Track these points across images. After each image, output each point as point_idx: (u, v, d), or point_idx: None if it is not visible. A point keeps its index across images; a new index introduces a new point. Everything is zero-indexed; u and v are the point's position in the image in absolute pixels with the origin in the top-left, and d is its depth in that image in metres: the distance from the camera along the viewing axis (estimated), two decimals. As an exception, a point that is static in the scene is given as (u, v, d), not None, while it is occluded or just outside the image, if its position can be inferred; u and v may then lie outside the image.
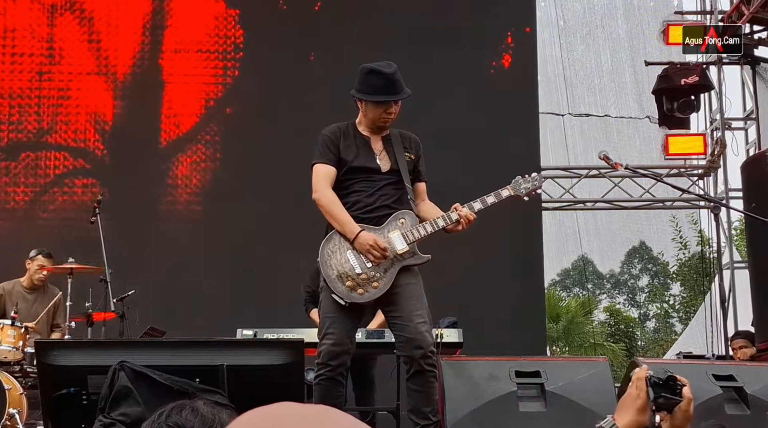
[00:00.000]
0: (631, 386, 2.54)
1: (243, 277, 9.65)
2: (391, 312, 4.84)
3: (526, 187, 5.18)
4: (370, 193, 4.89)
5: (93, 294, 7.52)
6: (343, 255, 4.78)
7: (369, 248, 4.71)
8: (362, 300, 4.76)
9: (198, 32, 10.46)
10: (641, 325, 31.33)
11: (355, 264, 4.76)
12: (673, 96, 11.02)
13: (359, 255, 4.76)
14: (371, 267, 4.75)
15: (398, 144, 5.02)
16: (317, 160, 4.94)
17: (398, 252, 4.78)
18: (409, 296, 4.80)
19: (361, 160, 4.93)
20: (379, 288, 4.75)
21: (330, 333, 4.74)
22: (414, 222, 4.88)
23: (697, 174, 11.92)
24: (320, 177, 4.90)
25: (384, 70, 4.88)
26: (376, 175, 4.92)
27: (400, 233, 4.82)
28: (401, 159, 4.96)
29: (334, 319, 4.76)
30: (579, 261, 24.64)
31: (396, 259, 4.80)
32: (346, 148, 4.94)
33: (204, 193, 10.20)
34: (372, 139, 5.01)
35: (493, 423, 4.91)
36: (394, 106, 4.92)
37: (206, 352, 4.49)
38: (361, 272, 4.75)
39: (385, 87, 4.87)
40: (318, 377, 4.75)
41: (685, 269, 25.11)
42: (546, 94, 11.68)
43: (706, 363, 6.44)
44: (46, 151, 10.17)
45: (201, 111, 10.37)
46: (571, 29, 12.59)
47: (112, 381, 4.20)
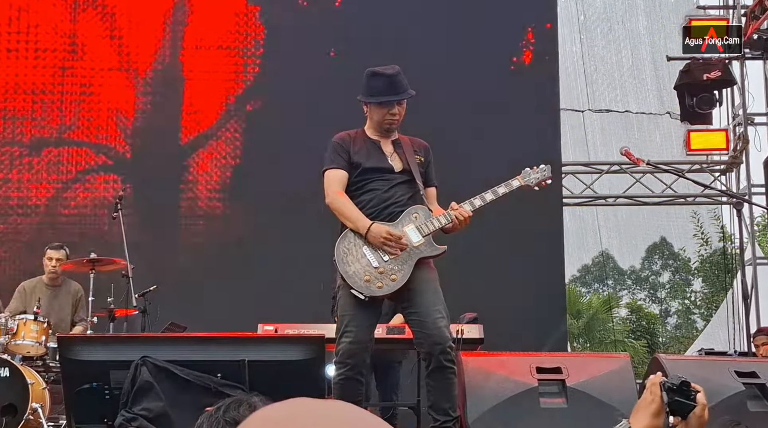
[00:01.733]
0: (646, 391, 2.62)
1: (263, 273, 9.67)
2: (409, 308, 4.84)
3: (535, 177, 5.19)
4: (385, 190, 4.91)
5: (115, 289, 7.56)
6: (358, 251, 4.79)
7: (383, 240, 4.73)
8: (381, 294, 4.76)
9: (218, 29, 10.49)
10: (662, 322, 31.20)
11: (371, 258, 4.77)
12: (695, 91, 10.96)
13: (375, 250, 4.77)
14: (388, 260, 4.76)
15: (408, 147, 5.04)
16: (328, 166, 4.98)
17: (414, 244, 4.79)
18: (427, 292, 4.80)
19: (374, 161, 4.95)
20: (398, 280, 4.75)
21: (348, 331, 4.74)
22: (428, 215, 4.89)
23: (719, 169, 11.86)
24: (331, 181, 4.94)
25: (385, 71, 4.93)
26: (390, 175, 4.95)
27: (415, 226, 4.83)
28: (412, 160, 4.99)
29: (352, 317, 4.77)
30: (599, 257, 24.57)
31: (412, 252, 4.81)
32: (357, 152, 4.97)
33: (224, 190, 10.22)
34: (382, 142, 5.03)
35: (515, 420, 4.90)
36: (398, 106, 4.95)
37: (228, 347, 4.51)
38: (378, 266, 4.75)
39: (387, 88, 4.91)
40: (337, 376, 4.75)
41: (706, 265, 25.00)
42: (566, 89, 11.64)
43: (729, 359, 6.41)
44: (68, 147, 10.22)
45: (221, 107, 10.39)
46: (592, 25, 12.54)
47: (134, 376, 4.22)
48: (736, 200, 7.79)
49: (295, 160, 9.80)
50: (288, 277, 9.50)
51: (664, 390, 2.58)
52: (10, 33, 10.36)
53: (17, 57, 10.34)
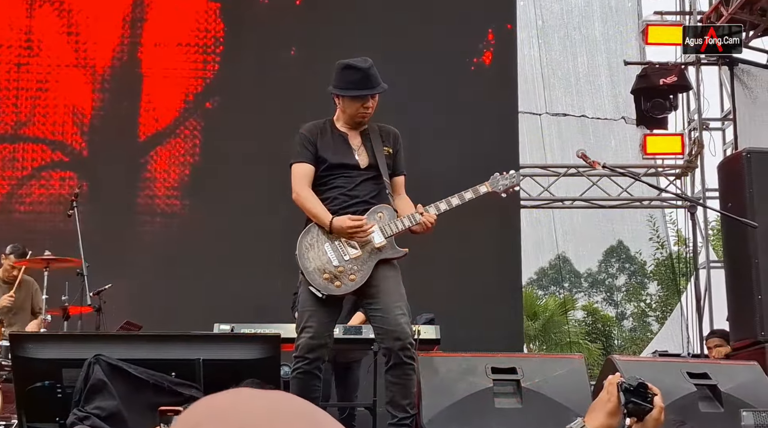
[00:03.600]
0: (603, 391, 2.64)
1: (220, 272, 9.62)
2: (371, 304, 4.85)
3: (504, 183, 5.19)
4: (349, 188, 4.89)
5: (69, 287, 7.49)
6: (320, 247, 4.78)
7: (348, 228, 4.72)
8: (339, 293, 4.76)
9: (178, 26, 10.42)
10: (618, 324, 31.49)
11: (332, 256, 4.76)
12: (652, 96, 11.09)
13: (336, 248, 4.77)
14: (348, 259, 4.76)
15: (377, 138, 5.01)
16: (295, 160, 4.96)
17: (376, 245, 4.79)
18: (389, 289, 4.81)
19: (339, 157, 4.93)
20: (356, 281, 4.75)
21: (308, 326, 4.74)
22: (392, 216, 4.88)
23: (674, 173, 12.00)
24: (298, 177, 4.92)
25: (360, 64, 4.88)
26: (355, 171, 4.93)
27: (378, 227, 4.83)
28: (379, 153, 4.96)
29: (312, 313, 4.76)
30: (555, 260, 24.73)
31: (373, 253, 4.81)
32: (324, 146, 4.95)
33: (182, 187, 10.15)
34: (350, 135, 5.01)
35: (469, 419, 4.92)
36: (371, 100, 4.91)
37: (183, 346, 4.48)
38: (339, 264, 4.75)
39: (361, 81, 4.86)
40: (295, 370, 4.75)
41: (662, 268, 25.28)
42: (524, 93, 11.71)
43: (681, 361, 6.49)
44: (24, 144, 10.09)
45: (180, 105, 10.33)
46: (550, 30, 12.64)
47: (87, 375, 4.18)
48: (691, 204, 7.87)
49: (254, 159, 9.77)
50: (245, 277, 9.46)
51: (621, 390, 2.60)
52: (-36, 28, 10.22)
53: (-28, 53, 10.21)
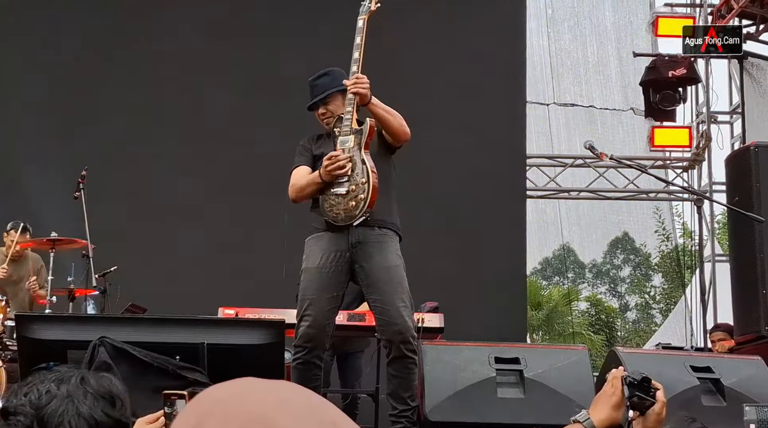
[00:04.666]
0: (607, 384, 2.68)
1: (224, 257, 9.64)
2: (373, 294, 4.84)
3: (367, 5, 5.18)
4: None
5: (75, 269, 7.51)
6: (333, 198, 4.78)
7: (328, 165, 4.74)
8: (364, 207, 4.71)
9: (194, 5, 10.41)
10: (622, 316, 31.49)
11: (340, 190, 4.77)
12: (660, 88, 11.06)
13: (338, 184, 4.77)
14: (345, 179, 4.76)
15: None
16: (294, 165, 5.08)
17: (351, 146, 4.80)
18: (391, 280, 4.80)
19: (329, 149, 4.95)
20: (366, 182, 4.72)
21: (308, 315, 4.76)
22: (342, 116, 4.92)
23: (681, 166, 11.98)
24: (294, 178, 5.03)
25: (312, 77, 5.13)
26: None
27: (339, 131, 4.88)
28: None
29: (311, 301, 4.78)
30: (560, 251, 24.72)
31: (354, 152, 4.81)
32: (318, 147, 5.08)
33: (188, 170, 10.12)
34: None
35: (472, 408, 4.93)
36: (323, 107, 5.05)
37: (187, 330, 4.49)
38: (347, 190, 4.75)
39: (311, 92, 5.10)
40: (295, 359, 4.76)
41: (666, 261, 25.25)
42: (532, 82, 11.69)
43: (684, 354, 6.48)
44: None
45: (184, 87, 10.29)
46: (559, 19, 12.60)
47: (91, 357, 4.18)
48: (697, 197, 7.86)
49: (258, 140, 9.76)
50: (250, 262, 9.47)
51: (625, 384, 2.64)
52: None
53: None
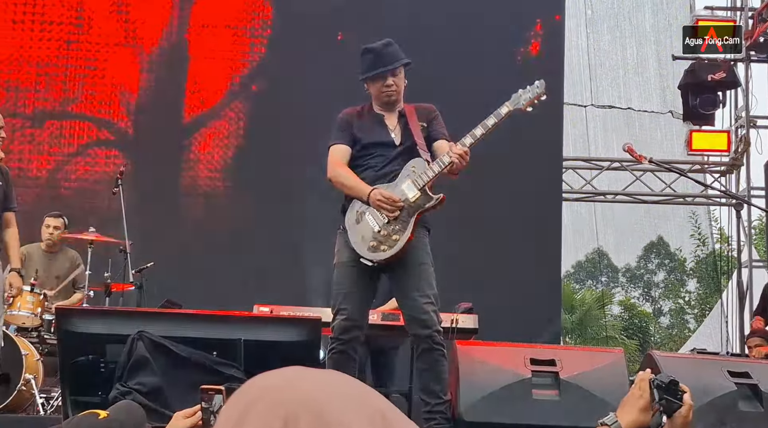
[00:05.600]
0: (635, 386, 2.68)
1: (259, 254, 9.68)
2: (401, 290, 4.90)
3: (526, 97, 5.17)
4: (384, 165, 4.94)
5: (112, 264, 7.57)
6: (363, 220, 4.83)
7: (379, 202, 4.75)
8: (387, 256, 4.76)
9: (226, 8, 10.47)
10: (655, 321, 31.25)
11: (373, 224, 4.80)
12: (699, 91, 10.96)
13: (376, 215, 4.80)
14: (388, 222, 4.79)
15: (413, 116, 5.03)
16: (333, 142, 5.02)
17: (411, 200, 4.80)
18: (419, 277, 4.84)
19: (375, 136, 4.98)
20: (400, 240, 4.77)
21: (343, 308, 4.79)
22: (423, 166, 4.87)
23: (719, 171, 11.87)
24: (333, 156, 4.98)
25: (373, 45, 5.00)
26: (391, 150, 4.97)
27: (411, 181, 4.85)
28: (416, 130, 4.98)
29: (346, 295, 4.81)
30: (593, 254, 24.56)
31: (411, 207, 4.82)
32: (361, 127, 5.01)
33: (225, 169, 10.21)
34: (386, 116, 5.05)
35: (506, 409, 4.91)
36: (392, 77, 4.96)
37: (224, 326, 4.52)
38: (380, 229, 4.78)
39: (377, 61, 4.95)
40: (330, 350, 4.80)
41: (702, 266, 25.02)
42: (570, 84, 11.64)
43: (722, 359, 6.42)
44: (71, 121, 10.20)
45: (226, 87, 10.38)
46: (599, 20, 12.53)
47: (130, 351, 4.23)
48: (737, 201, 7.79)
49: (298, 142, 9.79)
50: (284, 260, 9.51)
51: (653, 387, 2.63)
52: (16, 4, 10.32)
53: (23, 29, 10.31)
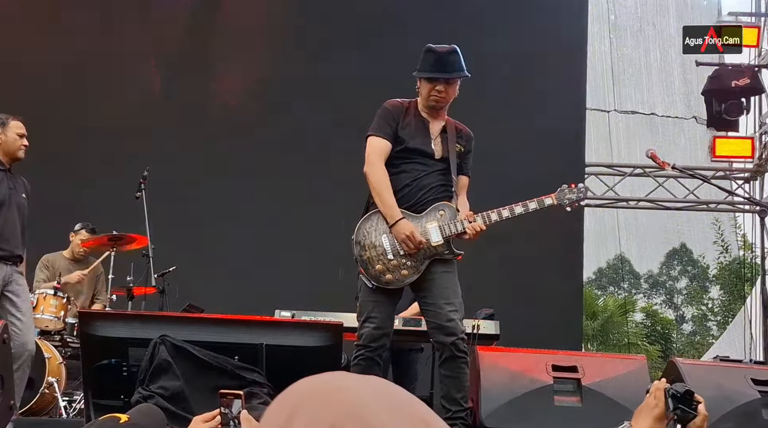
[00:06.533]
0: (649, 396, 2.67)
1: (282, 259, 9.69)
2: (424, 298, 4.89)
3: (570, 197, 5.15)
4: (420, 176, 4.89)
5: (135, 268, 7.60)
6: (378, 237, 4.80)
7: (405, 238, 4.73)
8: (389, 287, 4.79)
9: (250, 13, 10.50)
10: (678, 327, 31.08)
11: (388, 248, 4.78)
12: (723, 97, 10.87)
13: (393, 241, 4.78)
14: (403, 254, 4.78)
15: (452, 133, 5.00)
16: (374, 133, 4.92)
17: (433, 244, 4.79)
18: (443, 284, 4.83)
19: (417, 142, 4.91)
20: (408, 276, 4.78)
21: (373, 317, 4.79)
22: (453, 215, 4.87)
23: (743, 177, 11.79)
24: (374, 151, 4.89)
25: (438, 49, 4.88)
26: (429, 160, 4.91)
27: (438, 225, 4.82)
28: (452, 148, 4.95)
29: (375, 304, 4.81)
30: (615, 260, 24.45)
31: (429, 251, 4.81)
32: (405, 126, 4.93)
33: (248, 173, 10.22)
34: (431, 122, 4.99)
35: (528, 416, 4.89)
36: (445, 85, 4.88)
37: (246, 331, 4.51)
38: (393, 258, 4.77)
39: (435, 64, 4.86)
40: (357, 356, 4.80)
41: (725, 273, 24.88)
42: (592, 89, 11.61)
43: (745, 367, 6.37)
44: (94, 125, 10.24)
45: (248, 92, 10.41)
46: (622, 24, 12.48)
47: (152, 355, 4.23)
48: (761, 208, 7.73)
49: (320, 146, 9.81)
50: (306, 264, 9.52)
51: (668, 396, 2.62)
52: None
53: (47, 33, 10.38)
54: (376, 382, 1.00)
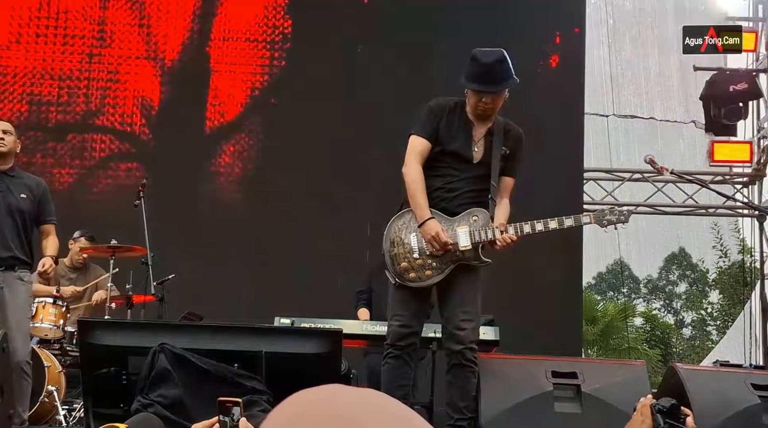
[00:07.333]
0: (636, 413, 2.68)
1: (281, 266, 9.68)
2: (443, 303, 4.91)
3: (610, 219, 5.08)
4: (452, 181, 4.87)
5: (134, 276, 7.59)
6: (407, 235, 4.81)
7: (431, 238, 4.72)
8: (412, 285, 4.79)
9: (246, 21, 10.51)
10: (678, 332, 31.05)
11: (415, 247, 4.79)
12: (721, 102, 10.88)
13: (421, 240, 4.79)
14: (429, 254, 4.77)
15: (499, 135, 4.95)
16: (416, 132, 4.90)
17: (461, 248, 4.78)
18: (463, 292, 4.83)
19: (457, 146, 4.88)
20: (432, 277, 4.77)
21: (398, 314, 4.81)
22: (486, 222, 4.84)
23: (741, 181, 11.79)
24: (414, 150, 4.87)
25: (483, 59, 4.83)
26: (466, 165, 4.87)
27: (469, 230, 4.81)
28: (497, 152, 4.90)
29: (402, 302, 4.82)
30: (615, 265, 24.43)
31: (456, 255, 4.80)
32: (448, 127, 4.89)
33: (246, 182, 10.24)
34: (475, 125, 4.94)
35: (528, 422, 4.89)
36: (492, 96, 4.84)
37: (246, 338, 4.52)
38: (419, 257, 4.77)
39: (481, 76, 4.82)
40: (386, 356, 4.81)
41: (724, 277, 24.87)
42: (591, 93, 11.61)
43: (745, 372, 6.37)
44: (93, 134, 10.26)
45: (246, 100, 10.42)
46: (620, 29, 12.49)
47: (152, 363, 4.23)
48: (759, 212, 7.74)
49: (318, 154, 9.81)
50: (305, 272, 9.51)
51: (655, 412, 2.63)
52: (39, 18, 10.42)
53: (45, 42, 10.39)
54: (372, 395, 1.00)
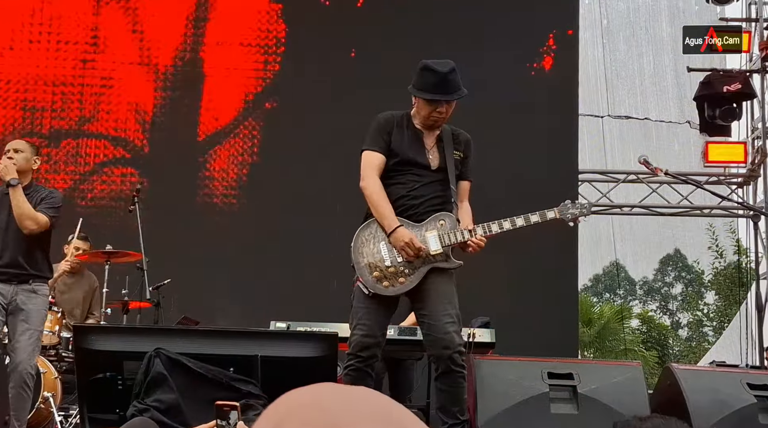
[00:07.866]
0: None
1: (275, 271, 9.69)
2: (421, 310, 4.84)
3: (573, 212, 5.11)
4: (416, 187, 4.87)
5: (129, 282, 7.59)
6: (376, 245, 4.78)
7: (404, 245, 4.70)
8: (386, 294, 4.75)
9: (240, 26, 10.52)
10: (674, 333, 31.09)
11: (386, 256, 4.76)
12: (715, 103, 10.89)
13: (391, 249, 4.76)
14: (401, 261, 4.75)
15: (449, 141, 4.97)
16: (368, 147, 4.90)
17: (431, 252, 4.77)
18: (440, 296, 4.79)
19: (411, 154, 4.89)
20: (405, 284, 4.75)
21: (362, 324, 4.74)
22: (453, 226, 4.84)
23: (736, 182, 11.81)
24: (369, 165, 4.87)
25: (438, 68, 4.82)
26: (425, 171, 4.89)
27: (438, 234, 4.80)
28: (450, 157, 4.92)
29: (366, 311, 4.76)
30: (610, 267, 24.46)
31: (427, 259, 4.79)
32: (399, 139, 4.90)
33: (240, 187, 10.24)
34: (425, 134, 4.96)
35: (525, 424, 4.89)
36: (445, 105, 4.85)
37: (241, 342, 4.51)
38: (390, 265, 4.75)
39: (437, 85, 4.81)
40: (347, 367, 4.75)
41: (720, 278, 24.91)
42: (586, 94, 11.62)
43: (741, 371, 6.38)
44: (87, 139, 10.26)
45: (240, 104, 10.42)
46: (614, 29, 12.51)
47: (147, 368, 4.23)
48: (754, 213, 7.75)
49: (312, 159, 9.82)
50: (299, 276, 9.51)
51: None
52: (32, 24, 10.41)
53: (39, 48, 10.39)
54: (360, 392, 1.00)
